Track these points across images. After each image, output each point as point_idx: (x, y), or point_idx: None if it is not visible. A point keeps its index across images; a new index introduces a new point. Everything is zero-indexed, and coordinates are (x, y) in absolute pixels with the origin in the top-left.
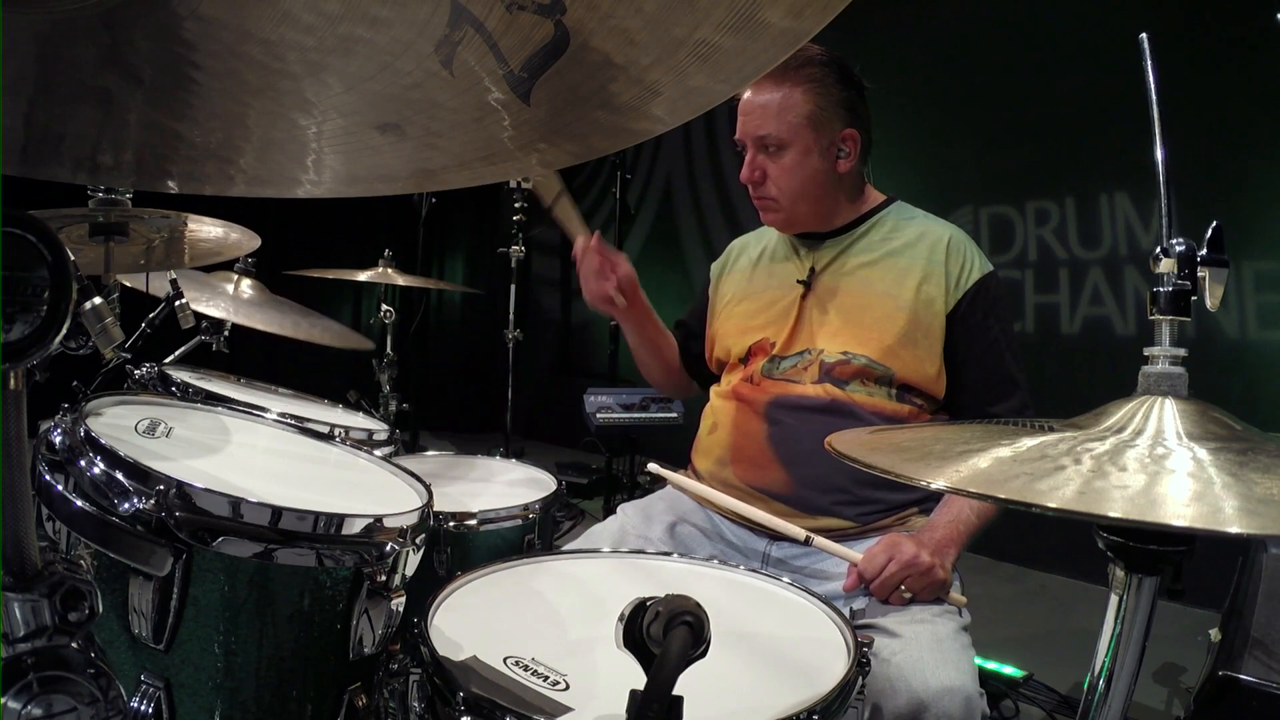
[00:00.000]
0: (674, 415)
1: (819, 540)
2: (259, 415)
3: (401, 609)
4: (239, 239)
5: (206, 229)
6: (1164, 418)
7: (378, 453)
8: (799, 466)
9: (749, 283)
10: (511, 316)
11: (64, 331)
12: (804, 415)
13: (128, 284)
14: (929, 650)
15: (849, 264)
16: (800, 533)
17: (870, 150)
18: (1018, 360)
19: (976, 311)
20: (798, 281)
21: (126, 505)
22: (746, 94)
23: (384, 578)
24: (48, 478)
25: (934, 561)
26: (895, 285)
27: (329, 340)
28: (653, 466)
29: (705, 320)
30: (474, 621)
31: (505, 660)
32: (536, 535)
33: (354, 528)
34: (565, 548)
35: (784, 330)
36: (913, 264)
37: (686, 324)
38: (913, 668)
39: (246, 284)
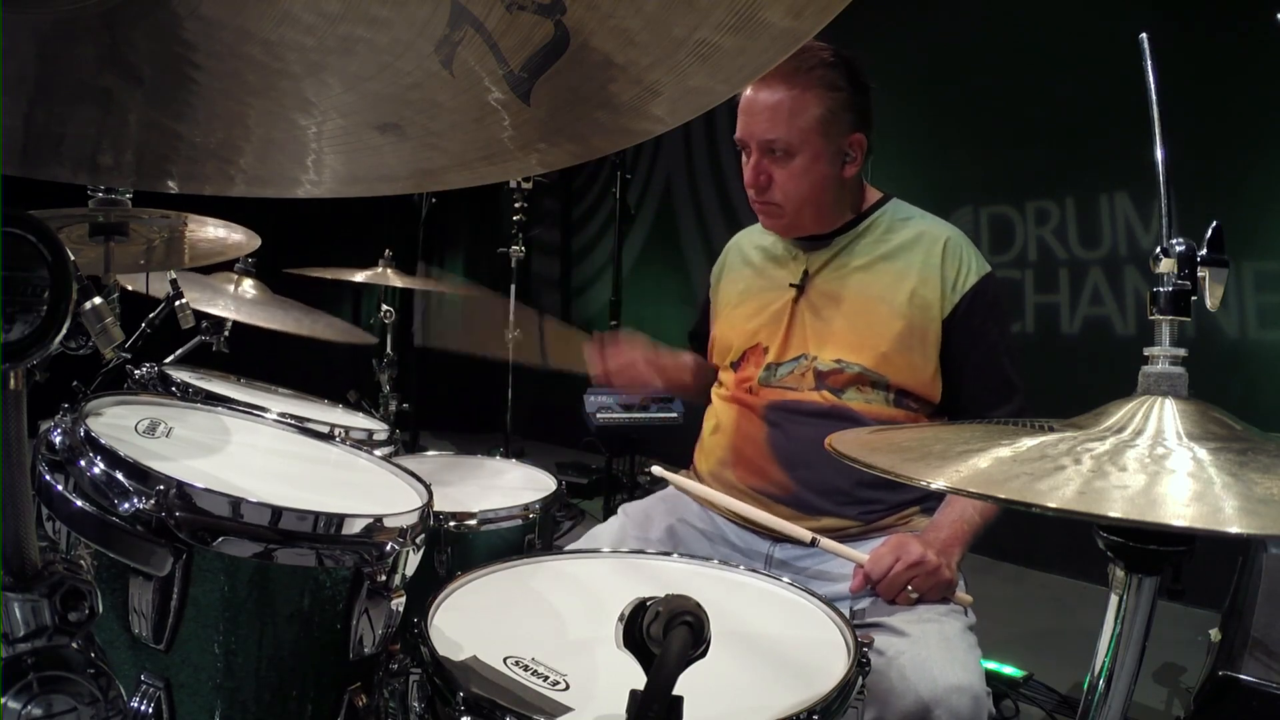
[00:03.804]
0: (674, 415)
1: (825, 542)
2: (259, 415)
3: (401, 609)
4: (239, 239)
5: (206, 229)
6: (1164, 418)
7: (378, 453)
8: (798, 469)
9: (745, 284)
10: (511, 316)
11: (64, 331)
12: (802, 419)
13: (128, 284)
14: (937, 649)
15: (843, 268)
16: (806, 534)
17: (872, 150)
18: (1016, 363)
19: (975, 315)
20: (790, 285)
21: (126, 505)
22: (749, 92)
23: (384, 578)
24: (48, 478)
25: (940, 561)
26: (890, 290)
27: (332, 335)
28: (656, 469)
29: (708, 325)
30: (474, 621)
31: (505, 660)
32: (536, 535)
33: (354, 528)
34: (565, 548)
35: (778, 335)
36: (908, 268)
37: (697, 335)
38: (921, 666)
39: (248, 283)
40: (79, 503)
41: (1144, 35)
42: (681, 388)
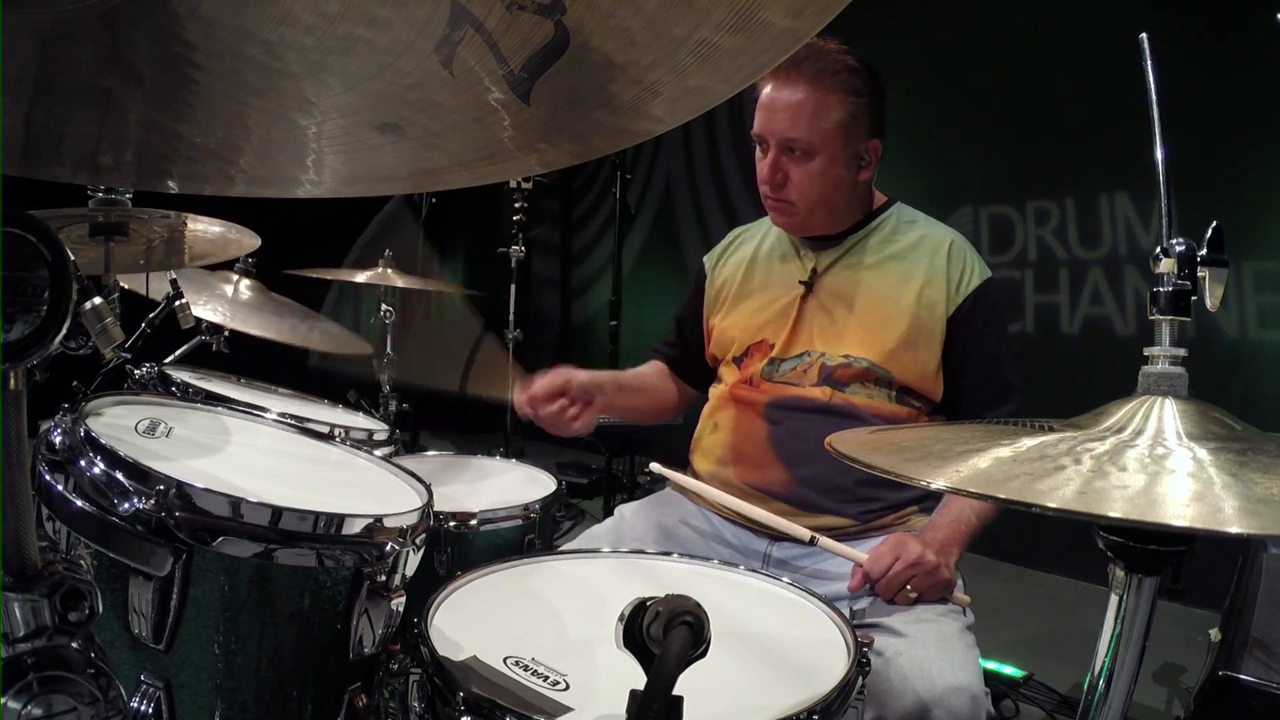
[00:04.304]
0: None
1: (824, 540)
2: (259, 415)
3: (401, 609)
4: (239, 239)
5: (206, 229)
6: (1164, 418)
7: (378, 453)
8: (799, 466)
9: (747, 280)
10: (511, 316)
11: (64, 331)
12: (804, 415)
13: (128, 284)
14: (935, 649)
15: (852, 266)
16: (805, 533)
17: (883, 157)
18: (1014, 365)
19: (977, 318)
20: (799, 282)
21: (126, 505)
22: (770, 89)
23: (384, 578)
24: (48, 478)
25: (939, 561)
26: (897, 289)
27: (327, 346)
28: (654, 466)
29: (700, 314)
30: (474, 621)
31: (505, 660)
32: (536, 535)
33: (354, 528)
34: (565, 548)
35: (783, 331)
36: (914, 268)
37: (681, 323)
38: (919, 667)
39: (245, 285)
40: (79, 503)
41: (1144, 35)
42: (647, 409)
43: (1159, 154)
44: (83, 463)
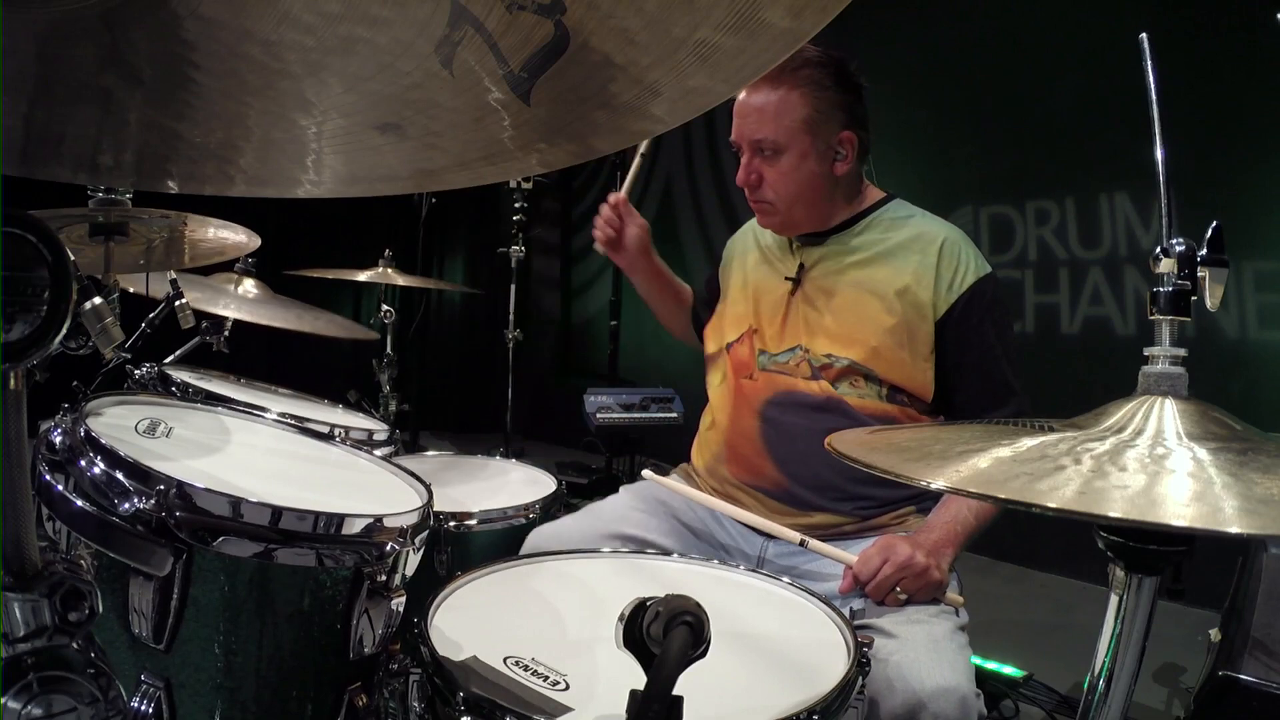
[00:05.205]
0: (674, 415)
1: (814, 543)
2: (259, 415)
3: (401, 609)
4: (239, 239)
5: (206, 229)
6: (1164, 418)
7: (378, 453)
8: (792, 464)
9: (747, 273)
10: (511, 316)
11: (64, 331)
12: (798, 413)
13: (128, 284)
14: (925, 650)
15: (839, 263)
16: (795, 536)
17: (869, 149)
18: (1015, 365)
19: (972, 316)
20: (786, 279)
21: (126, 505)
22: (741, 95)
23: (384, 577)
24: (48, 478)
25: (929, 562)
26: (884, 286)
27: (334, 331)
28: (647, 474)
29: (716, 285)
30: (474, 621)
31: (505, 660)
32: None
33: (354, 528)
34: (565, 548)
35: (773, 325)
36: (904, 265)
37: (706, 288)
38: (908, 668)
39: (250, 282)
40: (79, 503)
41: (1144, 35)
42: (666, 302)
43: (1159, 154)
44: (83, 463)
